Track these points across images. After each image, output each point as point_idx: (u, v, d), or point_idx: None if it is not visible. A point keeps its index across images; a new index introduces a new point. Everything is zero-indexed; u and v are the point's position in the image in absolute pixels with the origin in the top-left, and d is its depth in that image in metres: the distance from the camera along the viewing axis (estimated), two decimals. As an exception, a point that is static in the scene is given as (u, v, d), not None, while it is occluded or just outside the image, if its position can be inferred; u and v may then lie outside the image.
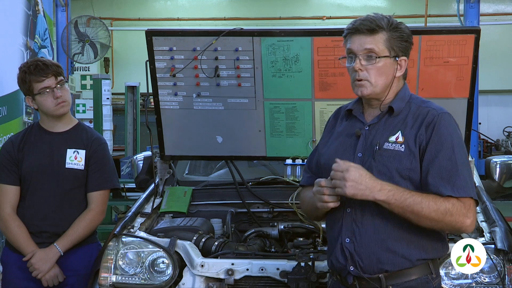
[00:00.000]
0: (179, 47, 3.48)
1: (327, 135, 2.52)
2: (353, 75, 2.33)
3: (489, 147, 13.15)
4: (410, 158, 2.26)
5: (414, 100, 2.38)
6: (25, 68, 3.19)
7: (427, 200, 2.18)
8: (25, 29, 5.02)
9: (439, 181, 2.21)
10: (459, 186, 2.20)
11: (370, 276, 2.28)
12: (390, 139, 2.30)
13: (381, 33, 2.30)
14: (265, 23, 13.44)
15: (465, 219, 2.20)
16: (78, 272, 3.23)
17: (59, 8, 8.77)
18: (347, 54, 2.35)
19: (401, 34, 2.33)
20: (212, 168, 4.44)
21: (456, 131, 2.30)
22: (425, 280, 2.29)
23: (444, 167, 2.22)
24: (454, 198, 2.19)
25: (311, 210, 2.50)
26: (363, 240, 2.27)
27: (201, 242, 3.13)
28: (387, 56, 2.30)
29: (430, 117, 2.28)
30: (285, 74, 3.47)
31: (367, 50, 2.29)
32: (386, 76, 2.32)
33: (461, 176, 2.22)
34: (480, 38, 3.28)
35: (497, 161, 4.10)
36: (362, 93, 2.33)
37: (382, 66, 2.30)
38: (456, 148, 2.25)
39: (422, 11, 9.92)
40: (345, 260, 2.30)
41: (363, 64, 2.30)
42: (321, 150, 2.49)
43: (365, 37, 2.30)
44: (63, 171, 3.22)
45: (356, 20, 2.34)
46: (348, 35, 2.35)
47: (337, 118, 2.53)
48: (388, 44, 2.30)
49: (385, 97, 2.35)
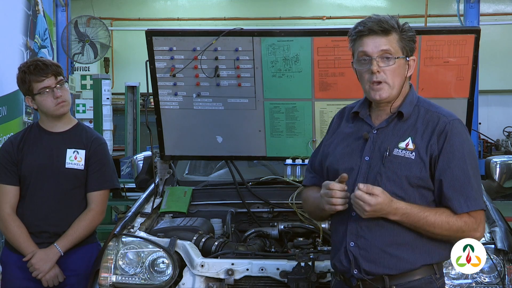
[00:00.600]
0: (179, 47, 3.48)
1: (331, 135, 2.50)
2: (369, 77, 2.27)
3: (489, 147, 13.15)
4: (420, 167, 2.25)
5: (422, 103, 2.36)
6: (24, 68, 3.19)
7: (440, 221, 2.22)
8: (25, 29, 5.02)
9: (452, 192, 2.23)
10: (472, 198, 2.23)
11: (374, 278, 2.27)
12: (400, 145, 2.28)
13: (394, 34, 2.28)
14: (265, 23, 13.44)
15: (475, 233, 2.26)
16: (78, 272, 3.23)
17: (59, 8, 8.76)
18: (359, 57, 2.29)
19: (411, 34, 2.32)
20: (212, 168, 4.44)
21: (467, 139, 2.32)
22: (429, 280, 2.29)
23: (456, 177, 2.23)
24: (466, 215, 2.23)
25: (314, 211, 2.48)
26: (368, 245, 2.27)
27: (201, 242, 3.13)
28: (401, 56, 2.29)
29: (442, 125, 2.27)
30: (285, 74, 3.47)
31: (384, 51, 2.26)
32: (401, 77, 2.30)
33: (473, 187, 2.24)
34: (480, 38, 3.28)
35: (497, 161, 4.10)
36: (380, 97, 2.28)
37: (398, 67, 2.28)
38: (467, 157, 2.26)
39: (422, 11, 9.92)
40: (349, 264, 2.29)
41: (381, 66, 2.26)
42: (326, 151, 2.47)
43: (379, 38, 2.26)
44: (63, 171, 3.22)
45: (365, 22, 2.28)
46: (358, 37, 2.29)
47: (342, 118, 2.49)
48: (401, 45, 2.29)
49: (396, 99, 2.33)
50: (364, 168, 2.31)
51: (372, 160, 2.31)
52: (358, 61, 2.30)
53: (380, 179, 2.26)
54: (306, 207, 2.60)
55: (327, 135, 2.53)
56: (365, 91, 2.33)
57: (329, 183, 2.26)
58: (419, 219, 2.21)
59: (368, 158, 2.31)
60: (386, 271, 2.26)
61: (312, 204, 2.47)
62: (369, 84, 2.28)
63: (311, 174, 2.55)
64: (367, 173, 2.29)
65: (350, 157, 2.34)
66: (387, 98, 2.29)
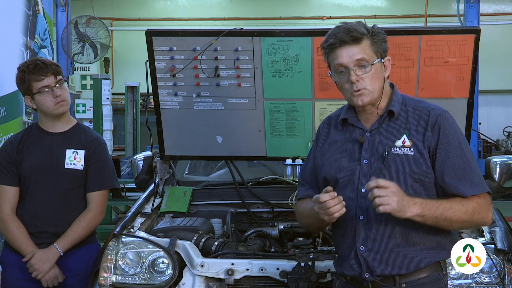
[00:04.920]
0: (179, 47, 3.48)
1: (322, 145, 2.48)
2: (349, 87, 2.29)
3: (489, 147, 13.16)
4: (421, 161, 2.27)
5: (408, 101, 2.39)
6: (24, 67, 3.19)
7: (455, 204, 2.23)
8: (25, 29, 5.02)
9: (457, 180, 2.26)
10: (476, 183, 2.27)
11: (384, 278, 2.28)
12: (396, 144, 2.30)
13: (365, 40, 2.29)
14: (265, 23, 13.44)
15: (489, 213, 2.29)
16: (78, 273, 3.22)
17: (59, 8, 8.75)
18: (336, 69, 2.31)
19: (382, 36, 2.33)
20: (212, 168, 4.45)
21: (458, 128, 2.36)
22: (437, 277, 2.31)
23: (457, 166, 2.26)
24: (476, 196, 2.25)
25: (313, 223, 2.46)
26: (379, 247, 2.27)
27: (201, 242, 3.13)
28: (376, 61, 2.30)
29: (433, 118, 2.30)
30: (285, 74, 3.47)
31: (358, 60, 2.27)
32: (380, 80, 2.32)
33: (475, 172, 2.29)
34: (480, 38, 3.28)
35: (497, 161, 4.09)
36: (363, 102, 2.30)
37: (375, 72, 2.30)
38: (463, 145, 2.31)
39: (422, 11, 9.91)
40: (360, 268, 2.29)
41: (359, 75, 2.27)
42: (319, 162, 2.45)
43: (352, 48, 2.27)
44: (62, 172, 3.22)
45: (335, 33, 2.28)
46: (331, 50, 2.30)
47: (329, 127, 2.49)
48: (374, 49, 2.30)
49: (380, 101, 2.34)
50: (364, 171, 2.31)
51: (371, 162, 2.31)
52: (336, 73, 2.32)
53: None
54: (303, 221, 2.54)
55: (317, 146, 2.50)
56: (348, 99, 2.36)
57: (318, 197, 2.23)
58: (437, 206, 2.20)
59: (367, 161, 2.32)
60: (397, 271, 2.27)
61: (308, 216, 2.42)
62: (350, 93, 2.31)
63: (303, 187, 2.53)
64: (369, 176, 2.28)
65: (348, 162, 2.35)
66: (369, 101, 2.32)
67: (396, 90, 2.41)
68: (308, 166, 2.52)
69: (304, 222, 2.55)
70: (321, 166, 2.43)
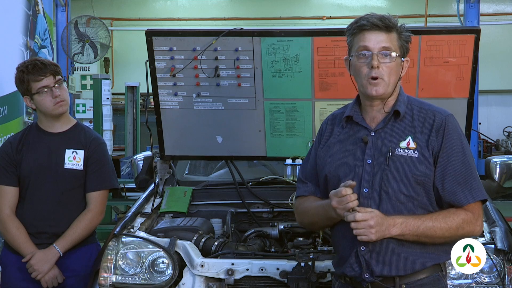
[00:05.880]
0: (179, 47, 3.48)
1: (324, 143, 2.46)
2: (367, 72, 2.28)
3: (489, 147, 13.16)
4: (425, 164, 2.27)
5: (414, 102, 2.39)
6: (23, 67, 3.19)
7: (438, 222, 2.24)
8: (25, 29, 5.02)
9: (456, 186, 2.26)
10: (476, 189, 2.28)
11: (383, 278, 2.28)
12: (401, 145, 2.30)
13: (394, 32, 2.30)
14: (265, 23, 13.44)
15: (475, 227, 2.29)
16: (78, 273, 3.22)
17: (59, 8, 8.75)
18: (358, 51, 2.29)
19: (407, 35, 2.34)
20: (212, 168, 4.44)
21: (462, 132, 2.36)
22: (437, 277, 2.31)
23: (458, 171, 2.27)
24: (463, 210, 2.26)
25: (319, 221, 2.43)
26: (379, 247, 2.26)
27: (201, 242, 3.13)
28: (399, 55, 2.31)
29: (439, 121, 2.30)
30: (285, 74, 3.47)
31: (384, 47, 2.27)
32: (396, 75, 2.32)
33: (475, 178, 2.30)
34: (480, 38, 3.28)
35: (497, 161, 4.10)
36: (377, 92, 2.28)
37: (395, 65, 2.30)
38: (466, 151, 2.31)
39: (422, 11, 9.92)
40: (360, 268, 2.29)
41: (381, 62, 2.27)
42: (321, 160, 2.43)
43: (381, 35, 2.27)
44: (62, 172, 3.22)
45: (368, 17, 2.29)
46: (359, 31, 2.29)
47: (333, 125, 2.47)
48: (399, 43, 2.31)
49: (389, 97, 2.34)
50: (367, 170, 2.30)
51: (374, 162, 2.30)
52: (357, 56, 2.30)
53: (386, 180, 2.26)
54: (306, 219, 2.50)
55: (319, 144, 2.49)
56: (361, 86, 2.33)
57: (339, 191, 2.22)
58: (418, 225, 2.22)
59: (370, 161, 2.31)
60: (397, 272, 2.27)
61: (315, 214, 2.40)
62: (367, 79, 2.29)
63: (304, 184, 2.50)
64: (372, 175, 2.29)
65: (351, 161, 2.34)
66: (382, 94, 2.30)
67: (402, 91, 2.40)
68: (309, 163, 2.51)
69: (307, 220, 2.51)
70: (323, 164, 2.42)
